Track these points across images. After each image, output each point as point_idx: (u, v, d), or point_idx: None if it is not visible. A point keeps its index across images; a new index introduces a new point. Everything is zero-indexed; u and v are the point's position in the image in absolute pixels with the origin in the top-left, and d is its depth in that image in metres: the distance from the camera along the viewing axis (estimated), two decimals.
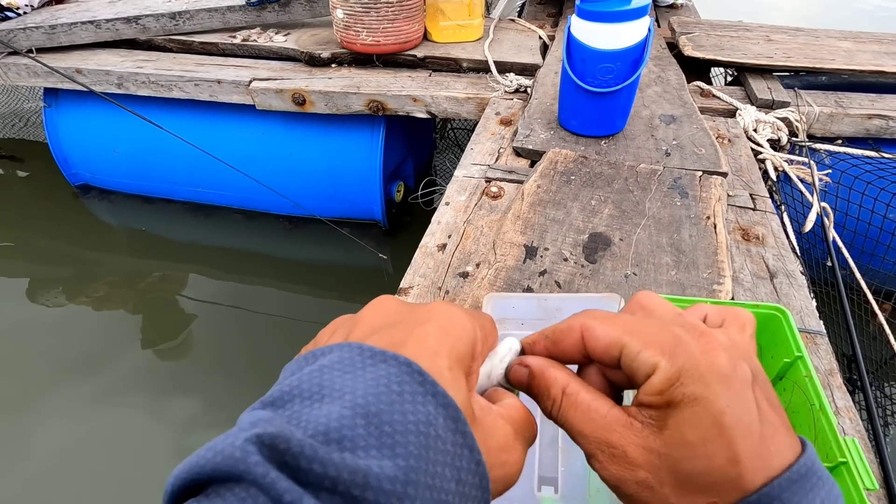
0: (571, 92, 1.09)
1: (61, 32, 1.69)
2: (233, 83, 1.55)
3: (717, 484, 0.20)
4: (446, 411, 0.19)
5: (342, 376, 0.19)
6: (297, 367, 0.21)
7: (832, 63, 1.46)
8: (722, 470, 0.20)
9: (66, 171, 2.01)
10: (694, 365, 0.21)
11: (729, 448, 0.20)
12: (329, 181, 1.75)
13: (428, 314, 0.22)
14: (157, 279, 1.87)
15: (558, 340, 0.26)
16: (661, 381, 0.21)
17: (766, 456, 0.20)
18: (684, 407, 0.21)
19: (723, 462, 0.20)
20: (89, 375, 1.51)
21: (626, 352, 0.23)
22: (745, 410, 0.21)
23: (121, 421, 1.40)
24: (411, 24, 1.55)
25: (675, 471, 0.21)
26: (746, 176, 1.08)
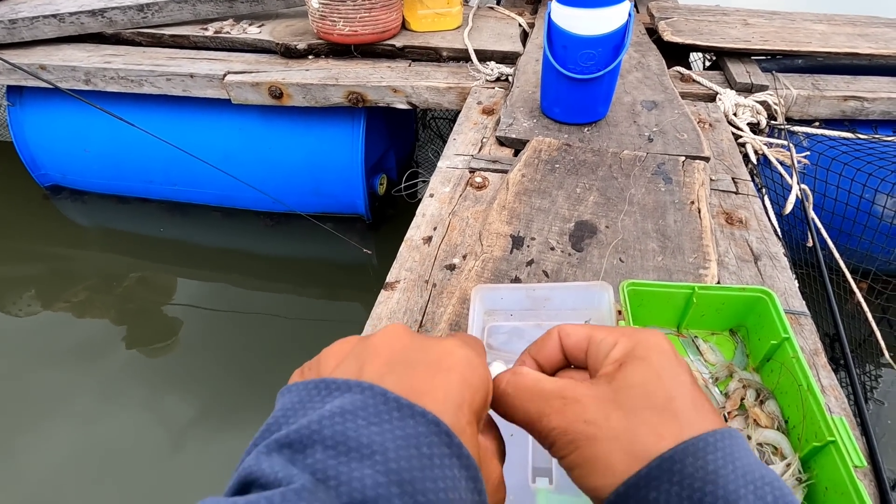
0: (553, 79, 1.08)
1: (23, 27, 1.62)
2: (206, 77, 1.50)
3: (660, 416, 0.23)
4: (468, 472, 0.19)
5: (368, 428, 0.18)
6: (306, 396, 0.20)
7: (808, 46, 1.47)
8: (664, 405, 0.23)
9: (35, 172, 1.94)
10: (645, 340, 0.26)
11: (666, 391, 0.24)
12: (310, 176, 1.71)
13: (448, 359, 0.22)
14: (135, 281, 1.82)
15: (540, 348, 0.30)
16: (619, 351, 0.26)
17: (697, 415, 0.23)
18: (633, 363, 0.25)
19: (663, 399, 0.24)
20: (69, 376, 1.46)
21: (593, 339, 0.28)
22: (681, 377, 0.25)
23: (110, 417, 1.37)
24: (389, 12, 1.52)
25: (622, 406, 0.24)
26: (728, 160, 1.08)
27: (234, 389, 1.46)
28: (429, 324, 0.71)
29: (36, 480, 1.25)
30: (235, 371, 1.51)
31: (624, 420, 0.23)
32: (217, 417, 1.39)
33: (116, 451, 1.32)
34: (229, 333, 1.63)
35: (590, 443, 0.23)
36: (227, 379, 1.49)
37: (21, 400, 1.42)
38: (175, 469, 1.28)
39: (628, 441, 0.23)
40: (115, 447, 1.32)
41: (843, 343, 0.72)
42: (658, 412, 0.23)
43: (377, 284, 0.77)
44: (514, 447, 0.53)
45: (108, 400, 1.43)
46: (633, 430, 0.23)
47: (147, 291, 1.79)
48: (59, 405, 1.41)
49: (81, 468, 1.27)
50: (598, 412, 0.24)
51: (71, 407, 1.40)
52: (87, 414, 1.39)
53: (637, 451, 0.22)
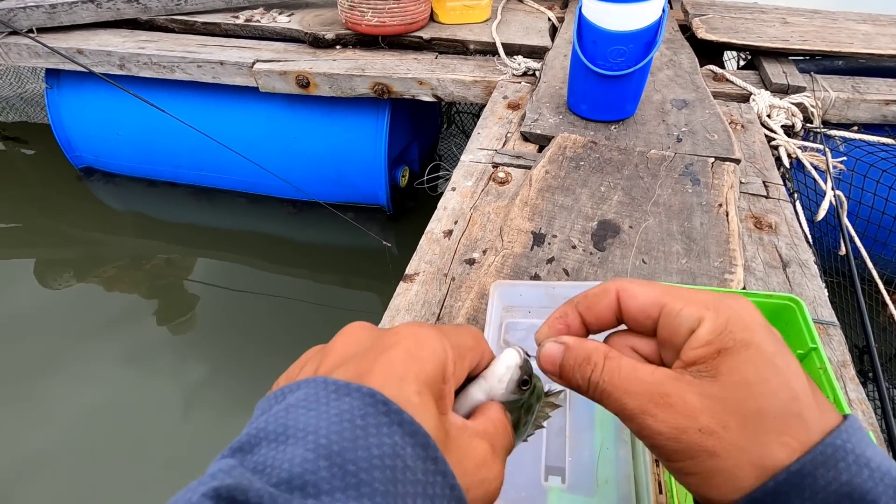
0: (581, 75, 1.06)
1: (62, 12, 1.66)
2: (236, 65, 1.52)
3: (783, 420, 0.20)
4: (414, 439, 0.18)
5: (306, 414, 0.18)
6: (266, 405, 0.20)
7: (850, 47, 1.42)
8: (786, 406, 0.20)
9: (70, 154, 2.00)
10: (739, 315, 0.22)
11: (788, 385, 0.21)
12: (333, 165, 1.73)
13: (395, 338, 0.21)
14: (162, 262, 1.87)
15: (591, 305, 0.26)
16: (709, 332, 0.22)
17: (819, 410, 0.21)
18: (737, 351, 0.21)
19: (785, 398, 0.20)
20: (96, 351, 1.52)
21: (668, 310, 0.23)
22: (793, 363, 0.21)
23: (133, 386, 1.43)
24: (417, 4, 1.51)
25: (739, 411, 0.21)
26: (760, 163, 1.05)
27: (249, 367, 1.50)
28: (446, 317, 0.71)
29: (65, 424, 1.33)
30: (252, 350, 1.55)
31: (744, 429, 0.21)
32: (228, 391, 1.43)
33: (137, 410, 1.38)
34: (249, 315, 1.66)
35: (708, 455, 0.21)
36: (243, 357, 1.52)
37: (53, 362, 1.48)
38: (186, 433, 1.34)
39: (755, 453, 0.20)
40: (135, 407, 1.38)
41: (874, 355, 0.70)
42: (782, 417, 0.20)
43: (395, 276, 0.77)
44: (528, 445, 0.53)
45: (131, 367, 1.48)
46: (757, 439, 0.20)
47: (173, 271, 1.84)
48: (87, 368, 1.47)
49: (103, 420, 1.33)
50: (712, 419, 0.21)
51: (98, 370, 1.46)
52: (112, 378, 1.45)
53: (764, 464, 0.20)
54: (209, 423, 1.37)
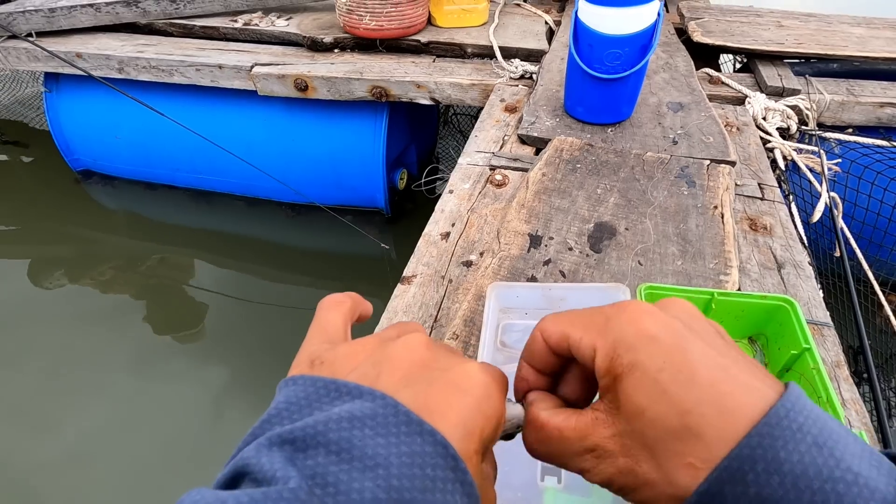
0: (578, 78, 1.07)
1: (61, 16, 1.67)
2: (234, 68, 1.53)
3: (681, 441, 0.20)
4: (469, 500, 0.19)
5: (374, 439, 0.18)
6: (314, 394, 0.20)
7: (844, 50, 1.43)
8: (680, 425, 0.20)
9: (68, 157, 2.00)
10: (622, 335, 0.22)
11: (675, 403, 0.20)
12: (331, 168, 1.73)
13: (466, 382, 0.21)
14: (159, 265, 1.87)
15: (532, 354, 0.27)
16: (602, 360, 0.22)
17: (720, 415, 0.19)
18: (627, 376, 0.21)
19: (675, 418, 0.20)
20: (88, 356, 1.52)
21: (571, 342, 0.24)
22: (682, 364, 0.21)
23: (134, 392, 1.42)
24: (415, 8, 1.52)
25: (642, 443, 0.21)
26: (755, 165, 1.06)
27: (246, 373, 1.49)
28: (443, 319, 0.71)
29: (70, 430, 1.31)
30: (249, 356, 1.54)
31: (652, 459, 0.21)
32: (226, 395, 1.43)
33: (139, 415, 1.36)
34: (247, 319, 1.66)
35: (636, 491, 0.22)
36: (241, 363, 1.52)
37: (47, 363, 1.48)
38: (184, 438, 1.32)
39: (666, 484, 0.20)
40: (137, 411, 1.37)
41: (867, 356, 0.70)
42: (679, 437, 0.20)
43: (394, 278, 0.78)
44: (522, 444, 0.53)
45: (133, 374, 1.48)
46: (663, 468, 0.20)
47: (170, 275, 1.84)
48: (91, 375, 1.46)
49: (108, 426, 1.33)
50: (627, 460, 0.21)
51: (101, 377, 1.46)
52: (116, 385, 1.44)
53: (677, 493, 0.20)
54: (206, 428, 1.37)
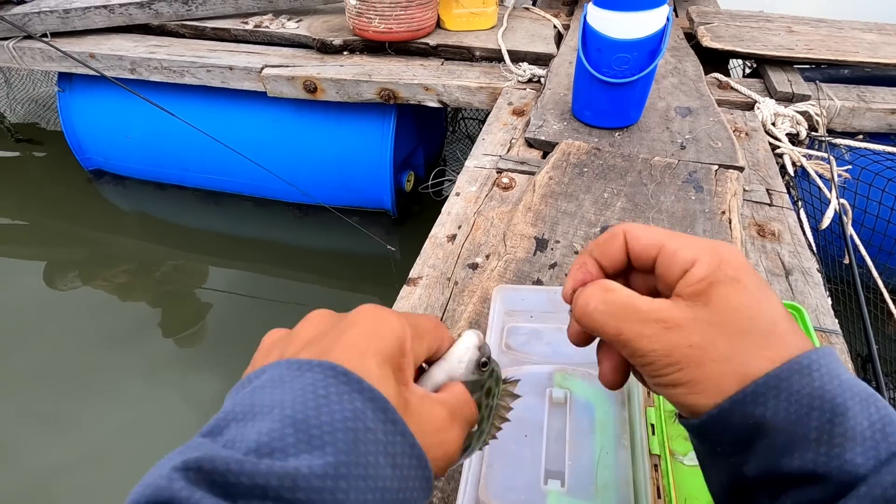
0: (586, 82, 1.07)
1: (75, 17, 1.69)
2: (244, 69, 1.54)
3: (766, 338, 0.23)
4: (374, 404, 0.20)
5: (272, 392, 0.19)
6: (235, 392, 0.21)
7: (856, 56, 1.42)
8: (769, 328, 0.24)
9: (80, 156, 2.03)
10: (729, 259, 0.25)
11: (770, 313, 0.24)
12: (339, 170, 1.74)
13: (355, 318, 0.23)
14: (168, 265, 1.89)
15: (604, 250, 0.29)
16: (704, 269, 0.25)
17: (797, 336, 0.24)
18: (728, 284, 0.24)
19: (768, 322, 0.24)
20: (99, 350, 1.53)
21: (665, 250, 0.26)
22: (775, 299, 0.25)
23: (139, 390, 1.43)
24: (424, 11, 1.53)
25: (727, 330, 0.24)
26: (763, 170, 1.05)
27: None
28: (449, 321, 0.71)
29: (84, 429, 1.32)
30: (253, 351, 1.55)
31: (731, 344, 0.23)
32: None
33: (148, 415, 1.37)
34: (254, 318, 1.67)
35: (696, 365, 0.24)
36: (246, 361, 1.53)
37: (63, 363, 1.50)
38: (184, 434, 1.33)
39: (739, 362, 0.23)
40: (140, 409, 1.38)
41: (876, 364, 0.70)
42: (764, 335, 0.23)
43: (399, 279, 0.78)
44: (528, 448, 0.53)
45: (145, 376, 1.49)
46: (741, 352, 0.23)
47: (179, 275, 1.85)
48: (95, 371, 1.48)
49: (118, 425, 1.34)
50: (703, 337, 0.24)
51: (110, 378, 1.47)
52: (126, 385, 1.46)
53: (747, 372, 0.23)
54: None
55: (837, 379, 0.22)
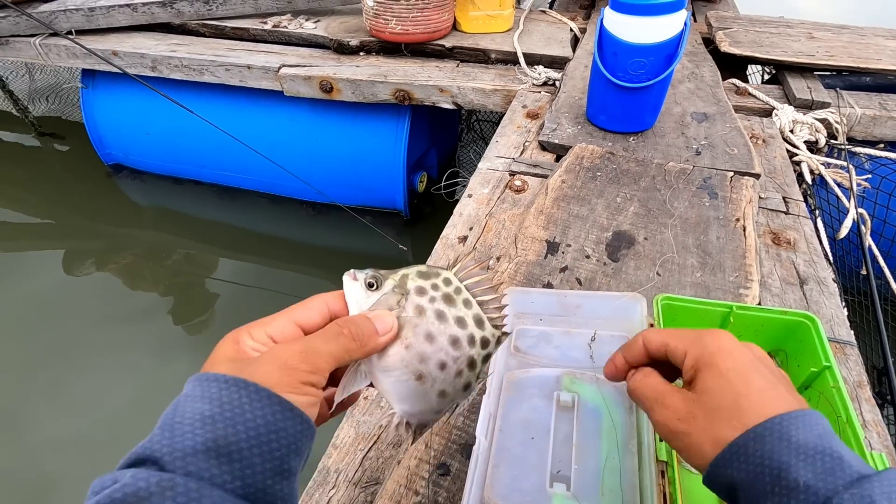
0: (601, 86, 1.07)
1: (100, 15, 1.73)
2: (262, 69, 1.56)
3: (731, 412, 0.30)
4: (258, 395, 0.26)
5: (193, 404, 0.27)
6: None
7: (878, 63, 1.39)
8: (733, 402, 0.30)
9: (101, 151, 2.07)
10: (708, 347, 0.33)
11: (735, 390, 0.31)
12: (353, 169, 1.76)
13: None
14: (183, 258, 1.92)
15: (629, 350, 0.38)
16: (690, 360, 0.34)
17: (766, 400, 0.30)
18: (705, 370, 0.32)
19: (732, 398, 0.31)
20: (119, 342, 1.56)
21: (669, 348, 0.36)
22: (745, 372, 0.32)
23: (151, 378, 1.46)
24: (441, 13, 1.54)
25: (703, 407, 0.31)
26: (780, 178, 1.04)
27: None
28: None
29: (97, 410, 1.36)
30: None
31: (707, 418, 0.31)
32: None
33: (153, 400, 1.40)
34: (264, 312, 1.69)
35: (684, 435, 0.31)
36: None
37: (80, 349, 1.53)
38: None
39: (711, 433, 0.30)
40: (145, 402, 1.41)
41: (892, 377, 0.69)
42: (730, 409, 0.30)
43: None
44: (534, 450, 0.53)
45: (151, 359, 1.52)
46: (713, 424, 0.30)
47: (193, 268, 1.88)
48: (111, 355, 1.52)
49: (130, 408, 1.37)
50: (687, 414, 0.32)
51: (121, 363, 1.50)
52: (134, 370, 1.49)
53: (718, 440, 0.30)
54: None
55: (786, 442, 0.28)
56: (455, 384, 0.34)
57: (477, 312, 0.34)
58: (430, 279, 0.34)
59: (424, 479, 0.54)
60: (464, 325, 0.33)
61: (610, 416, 0.55)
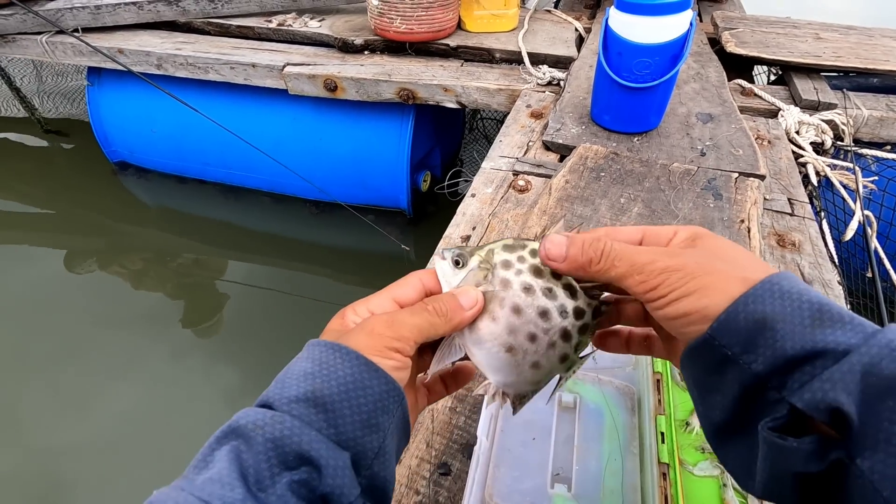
0: (606, 86, 1.07)
1: (106, 13, 1.74)
2: (267, 67, 1.57)
3: (752, 260, 0.30)
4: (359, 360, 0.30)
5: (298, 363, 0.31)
6: None
7: (886, 64, 1.38)
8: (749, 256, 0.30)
9: (106, 149, 2.08)
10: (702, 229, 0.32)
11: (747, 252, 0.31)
12: (357, 168, 1.76)
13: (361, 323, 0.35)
14: (187, 257, 1.93)
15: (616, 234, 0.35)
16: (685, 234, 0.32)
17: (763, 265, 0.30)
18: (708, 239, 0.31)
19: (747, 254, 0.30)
20: (118, 339, 1.57)
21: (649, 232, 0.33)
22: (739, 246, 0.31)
23: (157, 378, 1.47)
24: (446, 12, 1.53)
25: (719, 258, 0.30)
26: (786, 179, 1.04)
27: (264, 363, 1.52)
28: None
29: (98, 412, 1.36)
30: (268, 347, 1.57)
31: (727, 263, 0.29)
32: (237, 384, 1.46)
33: (160, 402, 1.41)
34: (268, 311, 1.70)
35: (705, 273, 0.28)
36: (260, 353, 1.55)
37: (83, 348, 1.54)
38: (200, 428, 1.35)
39: (740, 270, 0.28)
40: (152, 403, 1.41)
41: None
42: (751, 258, 0.30)
43: None
44: (536, 451, 0.53)
45: (161, 363, 1.52)
46: (738, 266, 0.29)
47: (198, 266, 1.89)
48: (113, 355, 1.52)
49: (135, 411, 1.37)
50: (705, 260, 0.29)
51: (126, 364, 1.51)
52: (123, 369, 1.49)
53: (749, 276, 0.28)
54: (226, 417, 1.40)
55: (800, 282, 0.28)
56: (549, 356, 0.34)
57: (568, 282, 0.34)
58: (516, 252, 0.34)
59: (425, 479, 0.54)
60: (553, 296, 0.33)
61: (612, 418, 0.55)
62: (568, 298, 0.33)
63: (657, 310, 0.30)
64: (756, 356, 0.26)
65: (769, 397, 0.26)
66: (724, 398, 0.28)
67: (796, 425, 0.25)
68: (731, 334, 0.27)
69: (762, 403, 0.26)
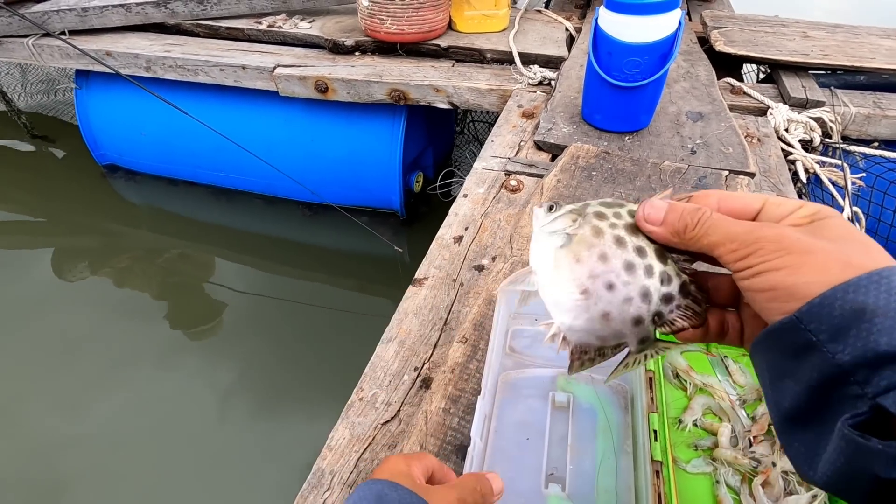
0: (596, 86, 1.07)
1: (93, 15, 1.72)
2: (257, 69, 1.56)
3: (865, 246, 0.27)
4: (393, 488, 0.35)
5: None
6: None
7: (872, 62, 1.40)
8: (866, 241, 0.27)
9: (95, 152, 2.06)
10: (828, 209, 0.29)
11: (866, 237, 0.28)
12: (349, 169, 1.75)
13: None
14: (179, 260, 1.91)
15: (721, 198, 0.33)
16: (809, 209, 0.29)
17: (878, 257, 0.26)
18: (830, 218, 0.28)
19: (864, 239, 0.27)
20: (110, 343, 1.55)
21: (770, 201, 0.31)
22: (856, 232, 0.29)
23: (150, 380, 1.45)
24: (436, 13, 1.53)
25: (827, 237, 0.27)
26: (775, 177, 1.04)
27: (256, 367, 1.52)
28: (453, 322, 0.71)
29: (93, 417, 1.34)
30: (259, 351, 1.57)
31: (835, 244, 0.26)
32: (238, 390, 1.45)
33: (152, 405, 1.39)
34: (260, 314, 1.69)
35: (803, 251, 0.26)
36: (252, 357, 1.54)
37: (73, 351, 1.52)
38: (198, 431, 1.35)
39: (843, 253, 0.26)
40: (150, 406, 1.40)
41: None
42: (865, 245, 0.27)
43: (406, 280, 0.78)
44: (529, 451, 0.53)
45: (152, 366, 1.51)
46: (846, 250, 0.26)
47: (189, 270, 1.88)
48: (103, 357, 1.50)
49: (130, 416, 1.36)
50: (807, 237, 0.27)
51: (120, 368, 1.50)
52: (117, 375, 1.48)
53: (851, 261, 0.25)
54: (214, 421, 1.39)
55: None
56: (623, 310, 0.32)
57: (661, 249, 0.33)
58: (613, 208, 0.34)
59: None
60: (643, 254, 0.32)
61: (605, 417, 0.55)
62: (658, 261, 0.32)
63: (743, 279, 0.28)
64: (844, 346, 0.24)
65: (850, 391, 0.24)
66: (797, 385, 0.26)
67: (878, 425, 0.23)
68: (821, 320, 0.25)
69: (840, 396, 0.24)
